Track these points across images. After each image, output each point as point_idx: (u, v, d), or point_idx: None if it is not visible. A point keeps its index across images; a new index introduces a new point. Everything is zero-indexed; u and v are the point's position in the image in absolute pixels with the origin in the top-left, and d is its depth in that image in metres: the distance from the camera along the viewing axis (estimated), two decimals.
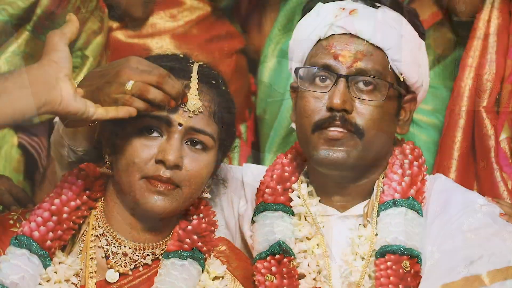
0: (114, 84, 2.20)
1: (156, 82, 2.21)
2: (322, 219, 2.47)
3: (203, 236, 2.40)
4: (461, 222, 2.34)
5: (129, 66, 2.21)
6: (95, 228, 2.38)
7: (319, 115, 2.37)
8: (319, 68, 2.39)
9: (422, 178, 2.44)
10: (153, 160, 2.29)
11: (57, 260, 2.31)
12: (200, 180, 2.35)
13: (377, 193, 2.43)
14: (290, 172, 2.53)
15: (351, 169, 2.39)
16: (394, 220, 2.35)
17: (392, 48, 2.38)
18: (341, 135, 2.35)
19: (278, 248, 2.39)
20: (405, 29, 2.42)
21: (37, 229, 2.28)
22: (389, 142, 2.46)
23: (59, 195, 2.34)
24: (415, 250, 2.32)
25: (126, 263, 2.36)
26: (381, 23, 2.40)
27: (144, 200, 2.29)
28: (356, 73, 2.37)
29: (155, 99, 2.22)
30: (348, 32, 2.40)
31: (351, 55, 2.37)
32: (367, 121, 2.36)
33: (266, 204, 2.47)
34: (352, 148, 2.36)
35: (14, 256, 2.26)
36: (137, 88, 2.20)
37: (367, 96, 2.37)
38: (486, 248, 2.28)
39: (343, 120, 2.35)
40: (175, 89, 2.24)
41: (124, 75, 2.20)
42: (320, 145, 2.36)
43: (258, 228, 2.45)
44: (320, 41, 2.42)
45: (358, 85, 2.38)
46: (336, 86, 2.35)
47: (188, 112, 2.32)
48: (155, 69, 2.23)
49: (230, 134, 2.43)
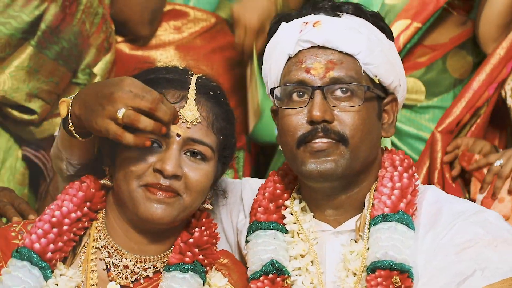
0: (106, 108, 2.20)
1: (149, 109, 2.20)
2: (316, 235, 2.46)
3: (204, 248, 2.39)
4: (452, 235, 2.32)
5: (122, 89, 2.20)
6: (96, 240, 2.38)
7: (301, 130, 2.37)
8: (294, 84, 2.40)
9: (413, 189, 2.43)
10: (151, 169, 2.30)
11: (58, 272, 2.31)
12: (200, 189, 2.35)
13: (368, 207, 2.42)
14: (282, 189, 2.53)
15: (340, 178, 2.38)
16: (384, 235, 2.33)
17: (362, 52, 2.39)
18: (326, 145, 2.35)
19: (271, 267, 2.38)
20: (371, 32, 2.43)
21: (38, 241, 2.28)
22: (376, 146, 2.45)
23: (59, 207, 2.35)
24: (406, 265, 2.30)
25: (127, 276, 2.36)
26: (347, 30, 2.40)
27: (143, 208, 2.29)
28: (330, 83, 2.37)
29: (146, 128, 2.21)
30: (315, 45, 2.40)
31: (322, 66, 2.38)
32: (350, 127, 2.36)
33: (259, 223, 2.47)
34: (339, 157, 2.35)
35: (15, 268, 2.26)
36: (128, 117, 2.19)
37: (346, 103, 2.37)
38: (478, 262, 2.26)
39: (326, 131, 2.35)
40: (167, 115, 2.23)
41: (118, 99, 2.20)
42: (307, 159, 2.36)
43: (251, 247, 2.44)
44: (290, 58, 2.44)
45: (336, 94, 2.38)
46: (313, 99, 2.36)
47: (186, 123, 2.32)
48: (148, 93, 2.21)
49: (229, 145, 2.43)
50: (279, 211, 2.49)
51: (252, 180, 2.68)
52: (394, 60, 2.47)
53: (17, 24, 3.22)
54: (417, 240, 2.35)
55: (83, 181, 2.41)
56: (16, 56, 3.23)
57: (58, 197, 2.39)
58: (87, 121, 2.24)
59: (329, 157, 2.35)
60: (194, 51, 3.66)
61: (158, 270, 2.38)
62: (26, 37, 3.24)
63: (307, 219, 2.47)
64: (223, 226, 2.63)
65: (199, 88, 2.39)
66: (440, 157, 3.38)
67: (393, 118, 2.49)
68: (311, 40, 2.40)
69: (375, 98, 2.42)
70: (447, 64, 3.56)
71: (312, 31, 2.40)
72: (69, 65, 3.32)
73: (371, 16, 2.46)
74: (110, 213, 2.39)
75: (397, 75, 2.46)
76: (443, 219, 2.36)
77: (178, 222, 2.37)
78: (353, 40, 2.39)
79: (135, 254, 2.36)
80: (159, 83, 2.35)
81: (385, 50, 2.44)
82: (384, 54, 2.43)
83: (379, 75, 2.42)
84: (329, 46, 2.39)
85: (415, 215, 2.39)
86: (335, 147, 2.35)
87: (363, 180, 2.44)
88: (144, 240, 2.37)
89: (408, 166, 2.46)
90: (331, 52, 2.39)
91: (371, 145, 2.41)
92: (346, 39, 2.39)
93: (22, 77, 3.24)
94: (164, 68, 2.45)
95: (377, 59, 2.40)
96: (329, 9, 2.44)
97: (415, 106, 3.55)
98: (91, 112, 2.22)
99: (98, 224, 2.40)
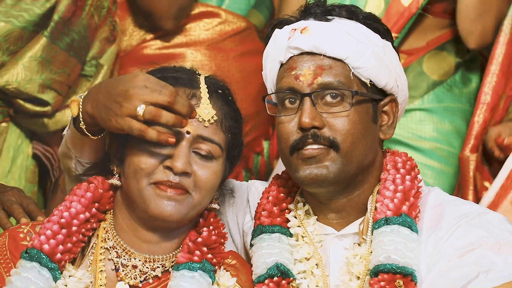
0: (124, 106, 2.21)
1: (168, 103, 2.21)
2: (320, 238, 2.46)
3: (213, 248, 2.40)
4: (455, 238, 2.30)
5: (137, 85, 2.21)
6: (104, 241, 2.39)
7: (293, 136, 2.37)
8: (284, 91, 2.40)
9: (416, 192, 2.41)
10: (161, 166, 2.30)
11: (67, 273, 2.32)
12: (209, 187, 2.36)
13: (371, 210, 2.41)
14: (285, 193, 2.53)
15: (335, 183, 2.37)
16: (387, 238, 2.32)
17: (351, 56, 2.37)
18: (316, 151, 2.34)
19: (276, 270, 2.38)
20: (363, 34, 2.40)
21: (47, 242, 2.29)
22: (372, 149, 2.43)
23: (68, 208, 2.35)
24: (409, 268, 2.29)
25: (136, 276, 2.37)
26: (335, 34, 2.38)
27: (153, 205, 2.30)
28: (318, 89, 2.36)
29: (168, 123, 2.22)
30: (304, 51, 2.39)
31: (311, 72, 2.37)
32: (340, 133, 2.35)
33: (263, 226, 2.46)
34: (331, 163, 2.35)
35: (24, 269, 2.27)
36: (149, 113, 2.20)
37: (336, 108, 2.36)
38: (482, 265, 2.25)
39: (315, 137, 2.34)
40: (185, 107, 2.24)
41: (134, 95, 2.21)
42: (300, 166, 2.36)
43: (256, 251, 2.44)
44: (282, 65, 2.44)
45: (326, 99, 2.37)
46: (303, 106, 2.36)
47: (203, 122, 2.33)
48: (164, 88, 2.23)
49: (237, 144, 2.44)
50: (283, 214, 2.49)
51: (258, 183, 2.68)
52: (388, 60, 2.43)
53: (29, 17, 3.22)
54: (421, 244, 2.34)
55: (91, 182, 2.41)
56: (30, 47, 3.24)
57: (66, 198, 2.39)
58: (104, 120, 2.25)
59: (321, 163, 2.35)
60: (224, 52, 3.72)
61: (167, 270, 2.39)
62: (38, 30, 3.25)
63: (311, 222, 2.47)
64: (230, 229, 2.63)
65: (208, 86, 2.40)
66: (472, 176, 3.38)
67: (393, 119, 2.46)
68: (299, 47, 2.39)
69: (368, 101, 2.40)
70: (424, 66, 3.57)
71: (299, 38, 2.39)
72: (79, 57, 3.34)
73: (363, 18, 2.43)
74: (119, 213, 2.40)
75: (392, 75, 2.43)
76: (445, 222, 2.34)
77: (187, 221, 2.38)
78: (341, 44, 2.37)
79: (144, 253, 2.37)
80: (167, 81, 2.34)
81: (377, 51, 2.40)
82: (377, 55, 2.40)
83: (372, 78, 2.39)
84: (317, 51, 2.38)
85: (419, 218, 2.38)
86: (326, 153, 2.35)
87: (362, 183, 2.43)
88: (153, 239, 2.37)
89: (410, 168, 2.44)
90: (320, 58, 2.38)
91: (366, 148, 2.39)
92: (334, 43, 2.37)
93: (35, 68, 3.25)
94: (171, 68, 2.45)
95: (368, 62, 2.38)
96: (319, 14, 2.43)
97: None
98: (107, 111, 2.22)
99: (106, 225, 2.41)
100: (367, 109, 2.40)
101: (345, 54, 2.37)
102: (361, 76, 2.39)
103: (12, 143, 3.33)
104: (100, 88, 2.28)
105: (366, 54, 2.38)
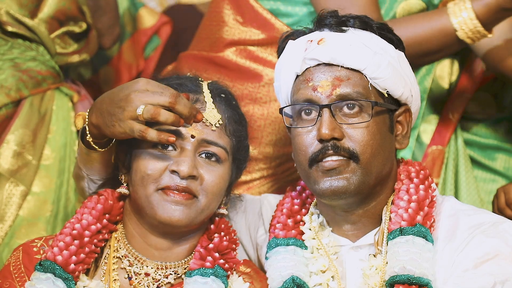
0: (126, 109, 2.25)
1: (169, 103, 2.25)
2: (335, 250, 2.44)
3: (224, 253, 2.42)
4: (470, 249, 2.28)
5: (139, 89, 2.26)
6: (116, 250, 2.42)
7: (311, 148, 2.35)
8: (302, 103, 2.39)
9: (431, 201, 2.40)
10: (167, 171, 2.34)
11: (81, 283, 2.36)
12: (216, 191, 2.38)
13: (385, 220, 2.39)
14: (299, 205, 2.53)
15: (355, 195, 2.36)
16: (402, 249, 2.31)
17: (368, 67, 2.37)
18: (337, 163, 2.34)
19: (292, 283, 2.37)
20: (378, 45, 2.40)
21: (60, 253, 2.33)
22: (389, 159, 2.42)
23: (79, 220, 2.40)
24: (425, 279, 2.26)
25: (149, 283, 2.39)
26: (352, 45, 2.38)
27: (161, 211, 2.33)
28: (337, 100, 2.35)
29: (167, 121, 2.26)
30: (321, 62, 2.39)
31: (329, 83, 2.36)
32: (359, 144, 2.34)
33: (278, 239, 2.46)
34: (351, 174, 2.34)
35: (39, 280, 2.31)
36: (148, 112, 2.24)
37: (355, 119, 2.35)
38: (498, 276, 2.23)
39: (335, 148, 2.33)
40: (187, 108, 2.27)
41: (135, 98, 2.25)
42: (320, 178, 2.35)
43: (271, 264, 2.44)
44: (298, 77, 2.43)
45: (343, 110, 2.36)
46: (322, 117, 2.34)
47: (210, 126, 2.38)
48: (165, 89, 2.27)
49: (242, 147, 2.47)
50: (297, 226, 2.49)
51: (271, 196, 2.68)
52: (403, 71, 2.43)
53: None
54: (436, 253, 2.32)
55: (101, 194, 2.46)
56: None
57: (77, 211, 2.44)
58: (107, 127, 2.29)
59: (341, 175, 2.34)
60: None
61: (180, 277, 2.41)
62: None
63: (325, 234, 2.46)
64: (243, 243, 2.64)
65: (211, 91, 2.45)
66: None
67: (407, 129, 2.46)
68: (317, 58, 2.39)
69: (385, 111, 2.40)
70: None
71: (317, 49, 2.39)
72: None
73: (377, 29, 2.43)
74: (129, 222, 2.44)
75: (407, 85, 2.43)
76: (460, 232, 2.33)
77: (196, 225, 2.41)
78: (359, 55, 2.37)
79: (156, 261, 2.40)
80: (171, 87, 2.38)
81: (393, 62, 2.40)
82: (392, 66, 2.39)
83: (388, 88, 2.39)
84: (334, 63, 2.38)
85: (434, 227, 2.36)
86: (346, 164, 2.34)
87: (379, 193, 2.42)
88: (164, 246, 2.41)
89: (424, 177, 2.43)
90: (337, 69, 2.38)
91: (384, 159, 2.39)
92: (352, 55, 2.37)
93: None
94: (174, 76, 2.51)
95: (385, 72, 2.37)
96: (334, 25, 2.42)
97: None
98: (110, 117, 2.27)
99: (118, 235, 2.44)
100: (384, 120, 2.40)
101: (362, 65, 2.37)
102: (378, 87, 2.38)
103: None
104: (104, 98, 2.33)
105: (382, 65, 2.38)
